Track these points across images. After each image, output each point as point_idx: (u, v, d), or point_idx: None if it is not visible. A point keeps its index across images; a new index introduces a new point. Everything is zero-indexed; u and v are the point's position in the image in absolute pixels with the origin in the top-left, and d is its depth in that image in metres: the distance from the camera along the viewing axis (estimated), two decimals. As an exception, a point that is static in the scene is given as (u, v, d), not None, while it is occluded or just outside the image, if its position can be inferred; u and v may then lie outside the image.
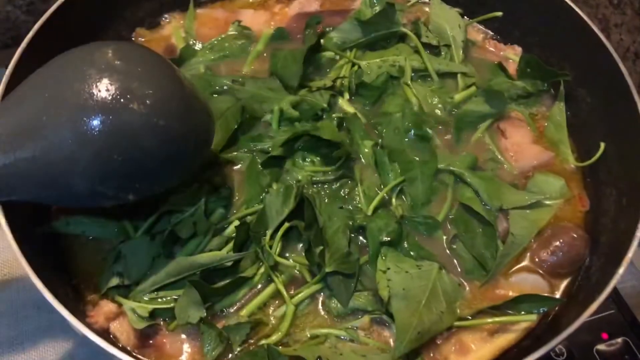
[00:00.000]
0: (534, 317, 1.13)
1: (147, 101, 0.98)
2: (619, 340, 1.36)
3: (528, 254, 1.25)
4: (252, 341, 1.11)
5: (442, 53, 1.53)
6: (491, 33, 1.65)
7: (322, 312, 1.15)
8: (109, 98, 0.96)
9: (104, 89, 0.96)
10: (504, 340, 1.14)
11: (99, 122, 0.95)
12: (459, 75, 1.48)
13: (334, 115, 1.38)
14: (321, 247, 1.12)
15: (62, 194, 1.01)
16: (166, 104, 1.01)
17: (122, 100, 0.96)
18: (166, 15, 1.62)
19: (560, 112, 1.45)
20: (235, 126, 1.32)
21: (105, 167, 0.98)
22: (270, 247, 1.17)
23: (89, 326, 1.04)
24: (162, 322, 1.13)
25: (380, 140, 1.35)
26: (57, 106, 0.96)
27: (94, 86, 0.96)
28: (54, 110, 0.96)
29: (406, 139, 1.34)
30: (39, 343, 1.36)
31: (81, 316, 1.11)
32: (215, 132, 1.18)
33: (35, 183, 0.99)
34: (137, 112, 0.97)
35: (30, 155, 0.96)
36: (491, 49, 1.60)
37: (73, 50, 1.05)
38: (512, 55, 1.57)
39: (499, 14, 1.56)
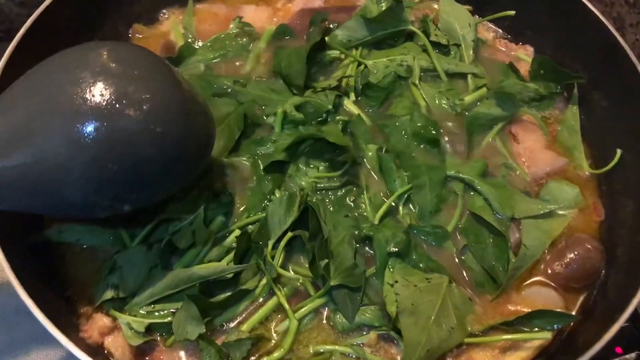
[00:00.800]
0: (548, 335, 1.09)
1: (144, 106, 0.93)
2: (633, 355, 1.31)
3: (541, 267, 1.20)
4: (253, 358, 1.06)
5: (452, 52, 1.47)
6: (501, 32, 1.59)
7: (327, 328, 1.11)
8: (104, 103, 0.91)
9: (98, 93, 0.91)
10: (517, 358, 1.10)
11: (92, 129, 0.90)
12: (469, 76, 1.43)
13: (338, 117, 1.32)
14: (326, 260, 1.07)
15: (53, 204, 0.96)
16: (164, 109, 0.96)
17: (117, 105, 0.91)
18: (164, 11, 1.56)
19: (573, 115, 1.40)
20: (239, 133, 1.27)
21: (100, 176, 0.93)
22: (272, 257, 1.12)
23: (81, 341, 1.00)
24: (158, 337, 1.09)
25: (385, 144, 1.29)
26: (49, 111, 0.91)
27: (88, 90, 0.91)
28: (45, 115, 0.91)
29: (414, 143, 1.29)
30: (31, 350, 1.30)
31: (73, 330, 1.06)
32: (216, 138, 1.13)
33: (25, 192, 0.94)
34: (134, 118, 0.92)
35: (20, 163, 0.90)
36: (502, 48, 1.55)
37: (66, 50, 1.00)
38: (524, 55, 1.52)
39: (512, 12, 1.50)
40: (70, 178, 0.91)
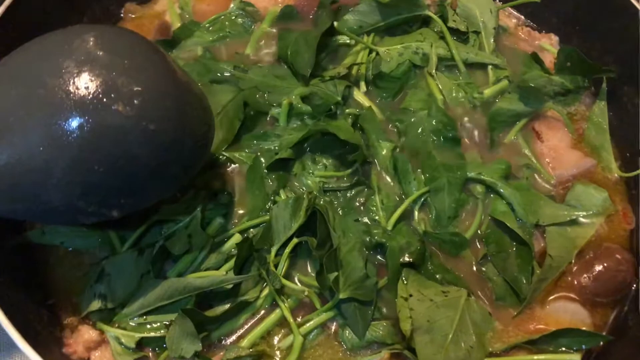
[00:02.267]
0: (577, 358, 1.00)
1: (135, 101, 0.85)
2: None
3: (567, 279, 1.11)
4: (253, 378, 0.98)
5: (471, 40, 1.36)
6: (524, 19, 1.48)
7: (335, 344, 1.03)
8: (89, 97, 0.83)
9: (82, 86, 0.83)
10: (541, 380, 1.01)
11: (76, 126, 0.82)
12: (489, 67, 1.32)
13: (348, 111, 1.22)
14: (336, 274, 0.97)
15: (33, 209, 0.88)
16: (157, 104, 0.87)
17: (104, 100, 0.83)
18: (160, -12, 1.44)
19: (601, 112, 1.30)
20: (239, 124, 1.17)
21: (84, 179, 0.85)
22: (276, 265, 1.02)
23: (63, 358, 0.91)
24: (150, 354, 1.00)
25: (399, 141, 1.20)
26: (27, 106, 0.83)
27: (72, 82, 0.83)
28: (23, 110, 0.83)
29: (432, 142, 1.18)
30: (14, 353, 1.21)
31: (56, 344, 0.98)
32: (215, 131, 1.03)
33: (1, 196, 0.85)
34: (123, 114, 0.84)
35: (-6, 164, 0.82)
36: (524, 37, 1.43)
37: (47, 35, 0.91)
38: (548, 45, 1.41)
39: (537, -2, 1.38)
40: (50, 181, 0.83)
